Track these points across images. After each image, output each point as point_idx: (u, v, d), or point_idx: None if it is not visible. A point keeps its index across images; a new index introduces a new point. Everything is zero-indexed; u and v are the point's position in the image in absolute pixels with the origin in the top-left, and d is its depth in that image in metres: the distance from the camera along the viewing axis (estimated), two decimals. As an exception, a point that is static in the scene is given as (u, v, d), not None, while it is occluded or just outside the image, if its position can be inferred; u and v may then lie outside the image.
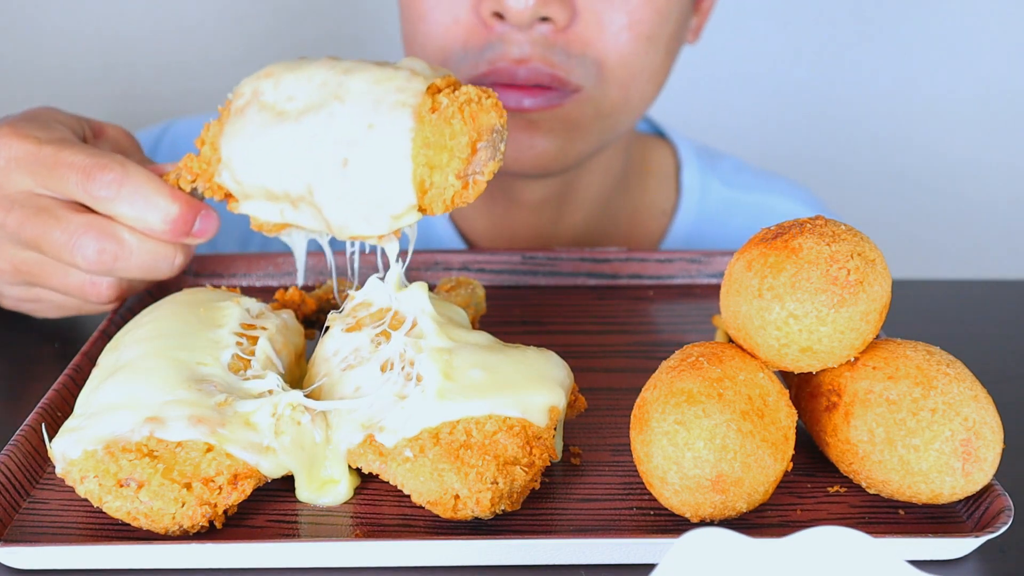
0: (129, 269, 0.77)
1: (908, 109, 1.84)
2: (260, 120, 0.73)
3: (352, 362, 0.70)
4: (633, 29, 0.99)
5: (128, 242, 0.76)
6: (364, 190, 0.70)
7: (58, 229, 0.76)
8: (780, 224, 0.69)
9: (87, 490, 0.63)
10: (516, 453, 0.65)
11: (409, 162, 0.69)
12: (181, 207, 0.76)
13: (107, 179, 0.75)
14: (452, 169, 0.69)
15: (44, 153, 0.76)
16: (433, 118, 0.69)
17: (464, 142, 0.69)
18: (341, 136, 0.70)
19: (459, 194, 0.70)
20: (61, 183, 0.76)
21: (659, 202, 1.24)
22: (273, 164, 0.72)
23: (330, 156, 0.70)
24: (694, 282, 0.97)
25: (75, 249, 0.76)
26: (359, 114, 0.70)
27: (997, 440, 0.64)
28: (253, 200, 0.75)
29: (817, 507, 0.67)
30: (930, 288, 1.03)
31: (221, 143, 0.74)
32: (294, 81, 0.73)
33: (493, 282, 0.97)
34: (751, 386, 0.64)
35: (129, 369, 0.68)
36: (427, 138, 0.69)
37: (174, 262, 0.78)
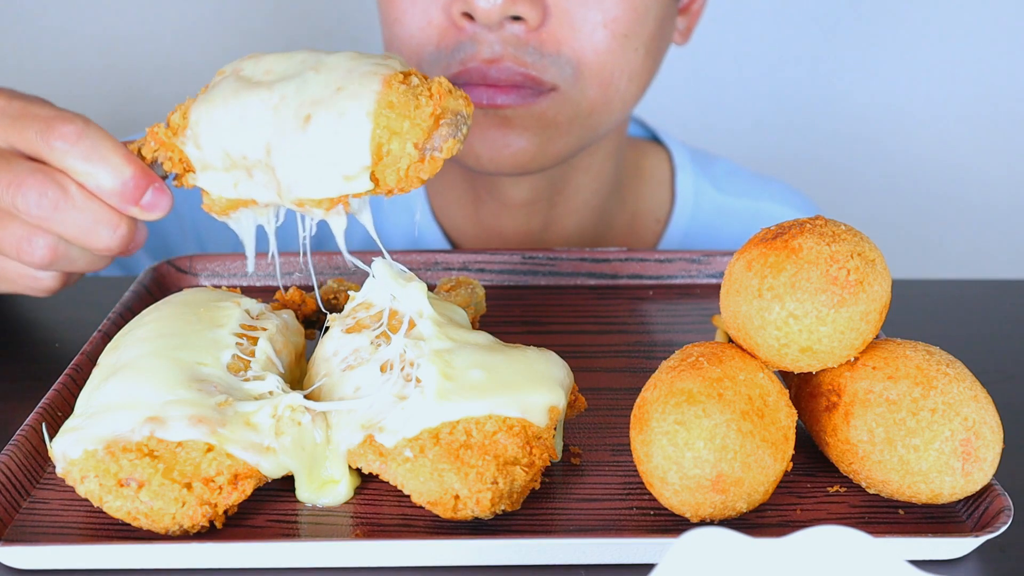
0: (68, 224, 0.74)
1: (908, 109, 1.84)
2: (233, 87, 0.73)
3: (352, 363, 0.70)
4: (608, 27, 0.98)
5: (73, 194, 0.74)
6: (321, 147, 0.69)
7: (4, 171, 0.74)
8: (780, 224, 0.69)
9: (87, 490, 0.63)
10: (516, 453, 0.65)
11: (369, 120, 0.69)
12: (135, 171, 0.74)
13: (66, 130, 0.74)
14: (411, 137, 0.69)
15: (12, 107, 0.76)
16: (401, 88, 0.70)
17: (427, 113, 0.69)
18: (309, 97, 0.71)
19: (415, 166, 0.69)
20: (20, 133, 0.75)
21: (653, 208, 1.23)
22: (237, 124, 0.72)
23: (293, 114, 0.70)
24: (694, 282, 0.97)
25: (18, 190, 0.74)
26: (331, 80, 0.71)
27: (997, 440, 0.64)
28: (210, 171, 0.75)
29: (817, 507, 0.67)
30: (930, 288, 1.03)
31: (191, 109, 0.74)
32: (274, 60, 0.74)
33: (493, 282, 0.97)
34: (751, 386, 0.64)
35: (129, 369, 0.68)
36: (391, 102, 0.69)
37: (116, 231, 0.75)
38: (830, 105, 1.84)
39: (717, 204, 1.23)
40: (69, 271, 0.80)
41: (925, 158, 1.86)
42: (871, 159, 1.86)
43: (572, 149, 1.06)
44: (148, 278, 0.93)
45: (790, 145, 1.85)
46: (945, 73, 1.82)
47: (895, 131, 1.85)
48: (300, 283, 0.96)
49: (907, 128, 1.85)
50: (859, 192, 1.86)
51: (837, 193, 1.84)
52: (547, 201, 1.14)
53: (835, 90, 1.83)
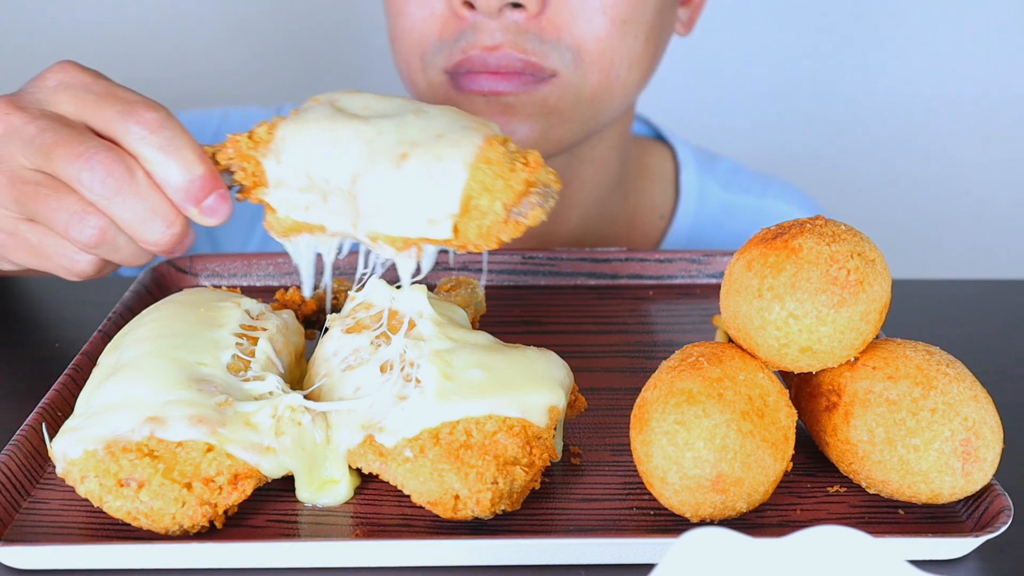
0: (126, 208, 0.72)
1: (908, 109, 1.84)
2: (327, 113, 0.73)
3: (352, 363, 0.70)
4: (607, 13, 0.99)
5: (139, 180, 0.72)
6: (412, 186, 0.69)
7: (76, 141, 0.72)
8: (780, 224, 0.69)
9: (87, 490, 0.63)
10: (516, 453, 0.65)
11: (466, 171, 0.69)
12: (204, 172, 0.73)
13: (148, 117, 0.72)
14: (502, 197, 0.69)
15: (97, 85, 0.75)
16: (500, 149, 0.70)
17: (521, 178, 0.69)
18: (407, 137, 0.71)
19: (497, 225, 0.69)
20: (101, 111, 0.73)
21: (657, 205, 1.24)
22: (327, 148, 0.72)
23: (389, 150, 0.70)
24: (694, 282, 0.97)
25: (86, 163, 0.72)
26: (432, 127, 0.71)
27: (997, 440, 0.64)
28: (284, 188, 0.74)
29: (817, 507, 0.67)
30: (930, 288, 1.03)
31: (280, 126, 0.74)
32: (373, 97, 0.74)
33: (493, 282, 0.97)
34: (751, 386, 0.64)
35: (129, 369, 0.68)
36: (490, 159, 0.69)
37: (169, 228, 0.73)
38: (830, 105, 1.84)
39: (721, 201, 1.24)
40: (108, 259, 0.78)
41: (925, 158, 1.86)
42: (871, 159, 1.87)
43: (576, 136, 1.06)
44: (148, 278, 0.93)
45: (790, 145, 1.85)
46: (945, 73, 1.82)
47: (895, 131, 1.85)
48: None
49: (907, 128, 1.85)
50: (859, 192, 1.86)
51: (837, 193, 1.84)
52: None
53: (835, 90, 1.83)
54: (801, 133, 1.85)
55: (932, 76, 1.82)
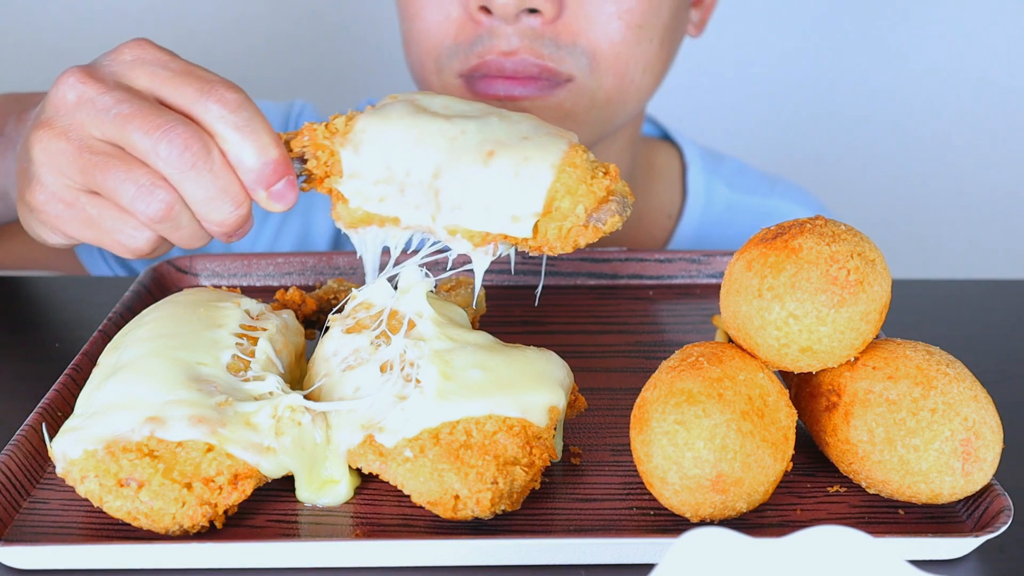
0: (198, 185, 0.72)
1: (908, 109, 1.84)
2: (410, 110, 0.73)
3: (352, 363, 0.70)
4: (623, 18, 1.00)
5: (214, 157, 0.72)
6: (498, 182, 0.70)
7: (154, 115, 0.71)
8: (780, 224, 0.69)
9: (87, 490, 0.63)
10: (516, 453, 0.65)
11: (552, 172, 0.70)
12: (279, 156, 0.72)
13: (228, 96, 0.72)
14: (584, 201, 0.70)
15: (175, 63, 0.74)
16: (584, 156, 0.71)
17: (603, 184, 0.71)
18: (492, 137, 0.71)
19: (577, 229, 0.70)
20: (180, 88, 0.73)
21: (665, 206, 1.25)
22: (409, 142, 0.72)
23: (475, 147, 0.71)
24: (694, 282, 0.97)
25: (163, 135, 0.71)
26: (517, 130, 0.72)
27: (997, 440, 0.64)
28: (359, 179, 0.73)
29: (817, 507, 0.67)
30: (930, 288, 1.03)
31: (360, 118, 0.74)
32: (453, 100, 0.75)
33: (493, 282, 0.97)
34: (751, 386, 0.64)
35: (130, 369, 0.68)
36: (575, 163, 0.70)
37: (237, 209, 0.73)
38: (831, 105, 1.84)
39: (728, 201, 1.24)
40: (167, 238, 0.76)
41: (926, 158, 1.86)
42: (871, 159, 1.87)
43: (590, 139, 1.07)
44: (148, 278, 0.93)
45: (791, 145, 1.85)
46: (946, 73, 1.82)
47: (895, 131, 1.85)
48: (300, 283, 0.96)
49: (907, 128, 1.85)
50: (859, 192, 1.86)
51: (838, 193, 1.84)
52: None
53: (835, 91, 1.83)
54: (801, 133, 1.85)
55: (932, 76, 1.82)
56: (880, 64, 1.81)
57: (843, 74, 1.82)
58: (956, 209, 1.87)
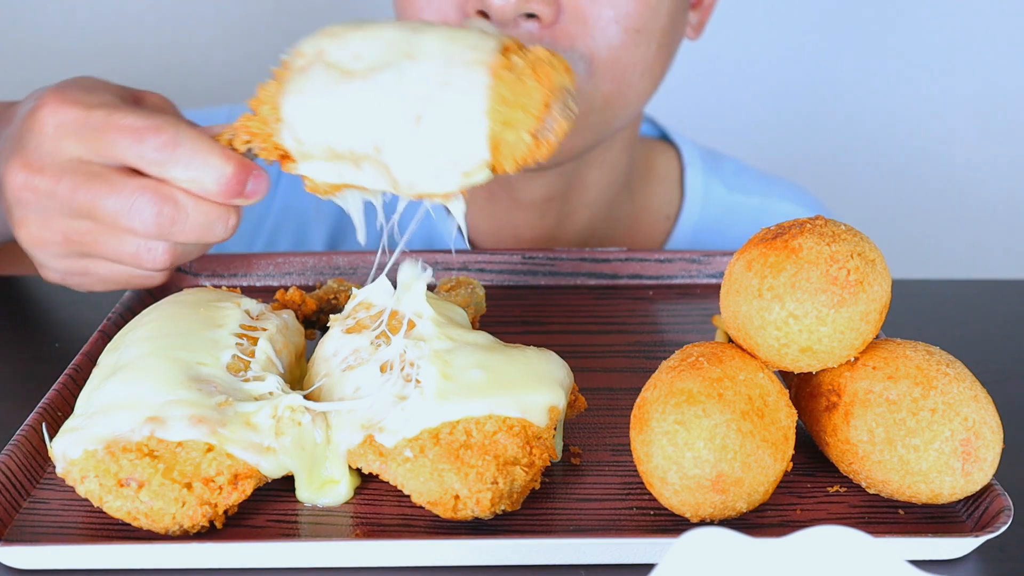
0: (186, 232, 0.75)
1: (908, 109, 1.84)
2: (326, 78, 0.71)
3: (352, 363, 0.70)
4: (621, 22, 0.99)
5: (184, 204, 0.74)
6: (437, 147, 0.69)
7: (112, 195, 0.74)
8: (780, 224, 0.69)
9: (87, 490, 0.63)
10: (516, 453, 0.65)
11: (485, 119, 0.68)
12: (235, 167, 0.74)
13: (160, 141, 0.73)
14: (526, 126, 0.68)
15: (94, 118, 0.74)
16: (509, 76, 0.69)
17: (539, 99, 0.68)
18: (414, 93, 0.69)
19: (531, 151, 0.69)
20: (112, 147, 0.74)
21: (663, 206, 1.24)
22: (340, 122, 0.71)
23: (402, 113, 0.69)
24: (694, 282, 0.97)
25: (132, 214, 0.73)
26: (433, 72, 0.69)
27: (997, 440, 0.64)
28: (312, 160, 0.73)
29: (817, 507, 0.67)
30: (930, 288, 1.03)
31: (282, 102, 0.72)
32: (360, 40, 0.72)
33: (493, 282, 0.97)
34: (751, 386, 0.64)
35: (129, 369, 0.68)
36: (503, 96, 0.68)
37: (228, 223, 0.76)
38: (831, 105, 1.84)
39: (726, 201, 1.24)
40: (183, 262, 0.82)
41: (925, 158, 1.86)
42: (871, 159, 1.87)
43: (587, 144, 1.06)
44: (149, 278, 0.93)
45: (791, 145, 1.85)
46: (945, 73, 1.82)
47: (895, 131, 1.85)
48: (300, 283, 0.96)
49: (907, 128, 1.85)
50: (859, 192, 1.86)
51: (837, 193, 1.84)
52: (561, 198, 1.15)
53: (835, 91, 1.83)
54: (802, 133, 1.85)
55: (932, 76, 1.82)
56: (880, 64, 1.81)
57: (844, 74, 1.82)
58: (956, 209, 1.87)
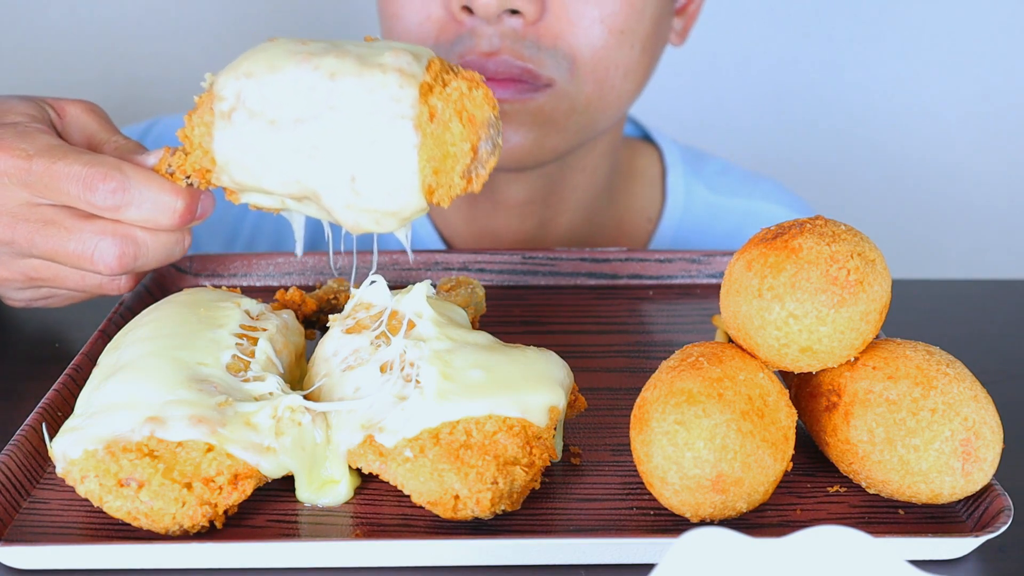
0: (147, 263, 0.78)
1: (908, 108, 1.84)
2: (253, 128, 0.71)
3: (352, 363, 0.70)
4: (605, 23, 0.99)
5: (144, 241, 0.76)
6: (374, 202, 0.71)
7: (71, 241, 0.76)
8: (780, 224, 0.69)
9: (87, 490, 0.63)
10: (516, 453, 0.65)
11: (416, 176, 0.70)
12: (185, 200, 0.75)
13: (109, 188, 0.74)
14: (457, 171, 0.70)
15: (36, 167, 0.75)
16: (433, 128, 0.70)
17: (466, 148, 0.70)
18: (343, 152, 0.70)
19: (464, 189, 0.71)
20: (61, 195, 0.75)
21: (645, 208, 1.23)
22: (274, 172, 0.72)
23: (336, 172, 0.70)
24: (694, 282, 0.97)
25: (94, 258, 0.76)
26: (355, 128, 0.70)
27: (997, 440, 0.64)
28: (252, 194, 0.75)
29: (817, 507, 0.67)
30: (930, 288, 1.03)
31: (214, 148, 0.73)
32: (278, 87, 0.71)
33: (493, 282, 0.97)
34: (751, 386, 0.64)
35: (129, 369, 0.68)
36: (431, 151, 0.70)
37: (184, 244, 0.79)
38: (829, 105, 1.84)
39: (708, 203, 1.23)
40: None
41: (925, 158, 1.86)
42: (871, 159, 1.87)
43: (569, 145, 1.06)
44: (148, 278, 0.93)
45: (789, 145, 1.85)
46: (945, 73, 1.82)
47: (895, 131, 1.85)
48: (300, 283, 0.96)
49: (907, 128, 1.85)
50: (859, 192, 1.86)
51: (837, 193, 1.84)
52: (542, 201, 1.14)
53: (834, 89, 1.83)
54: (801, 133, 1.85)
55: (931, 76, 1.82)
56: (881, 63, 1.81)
57: (844, 73, 1.82)
58: (956, 209, 1.87)
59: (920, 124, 1.84)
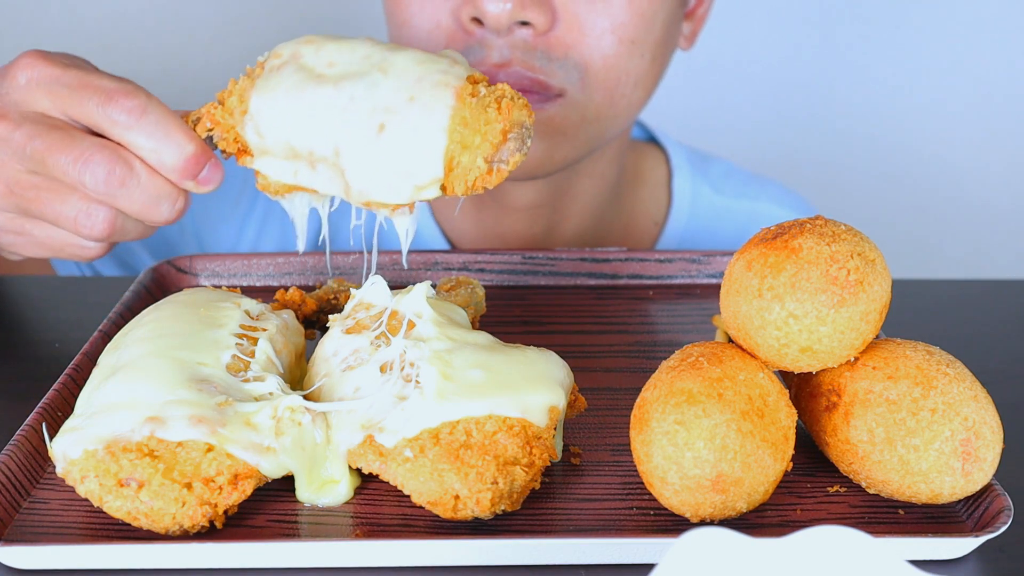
0: (132, 200, 0.75)
1: (908, 109, 1.84)
2: (297, 78, 0.73)
3: (352, 363, 0.70)
4: (616, 33, 0.99)
5: (138, 170, 0.74)
6: (395, 156, 0.71)
7: (69, 144, 0.74)
8: (780, 224, 0.69)
9: (87, 490, 0.63)
10: (516, 453, 0.65)
11: (444, 136, 0.71)
12: (196, 148, 0.74)
13: (129, 104, 0.73)
14: (482, 151, 0.71)
15: (69, 76, 0.75)
16: (472, 102, 0.71)
17: (497, 129, 0.71)
18: (380, 103, 0.71)
19: (482, 177, 0.71)
20: (81, 105, 0.74)
21: (651, 211, 1.23)
22: (304, 121, 0.72)
23: (366, 120, 0.71)
24: (694, 282, 0.97)
25: (85, 166, 0.73)
26: (401, 87, 0.72)
27: (997, 440, 0.64)
28: (269, 156, 0.75)
29: (817, 507, 0.67)
30: (930, 288, 1.03)
31: (251, 95, 0.74)
32: (336, 50, 0.74)
33: (493, 282, 0.97)
34: (751, 386, 0.64)
35: (130, 369, 0.68)
36: (464, 118, 0.71)
37: (175, 205, 0.76)
38: (830, 105, 1.84)
39: (714, 206, 1.23)
40: (117, 241, 0.80)
41: (925, 158, 1.86)
42: (871, 159, 1.87)
43: (579, 154, 1.06)
44: (148, 278, 0.93)
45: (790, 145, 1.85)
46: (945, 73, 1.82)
47: (895, 131, 1.85)
48: (300, 283, 0.96)
49: (907, 128, 1.85)
50: (859, 192, 1.86)
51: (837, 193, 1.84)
52: (550, 206, 1.14)
53: (835, 90, 1.83)
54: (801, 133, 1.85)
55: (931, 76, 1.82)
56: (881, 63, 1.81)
57: (845, 73, 1.82)
58: (956, 209, 1.87)
59: (920, 124, 1.84)
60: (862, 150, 1.86)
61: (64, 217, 0.76)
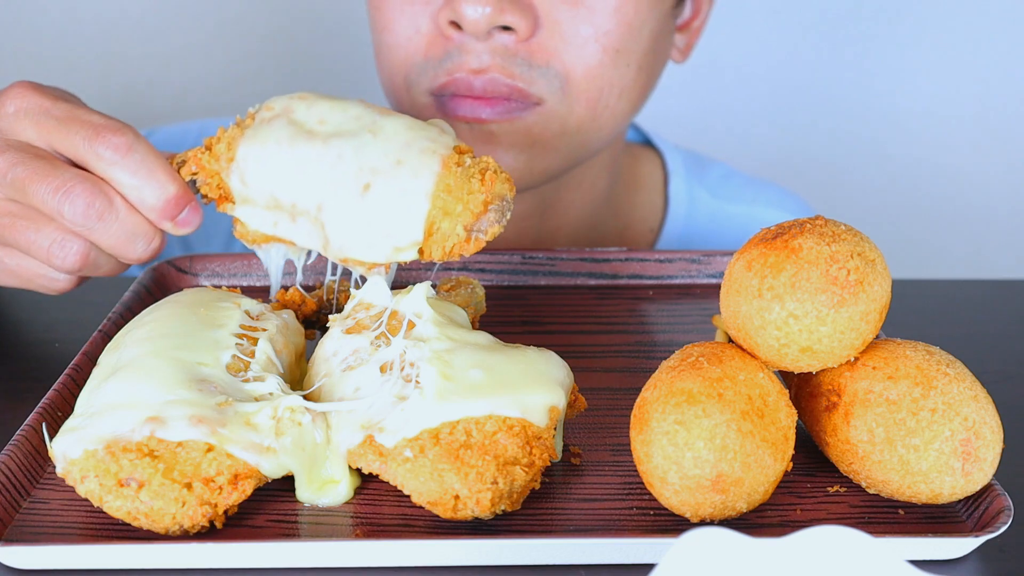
0: (109, 234, 0.75)
1: (908, 109, 1.84)
2: (288, 132, 0.74)
3: (352, 363, 0.70)
4: (600, 41, 0.96)
5: (117, 205, 0.74)
6: (378, 217, 0.72)
7: (51, 174, 0.74)
8: (780, 224, 0.69)
9: (87, 490, 0.63)
10: (516, 453, 0.65)
11: (428, 201, 0.72)
12: (178, 189, 0.75)
13: (116, 141, 0.73)
14: (462, 219, 0.72)
15: (58, 109, 0.75)
16: (457, 171, 0.73)
17: (479, 199, 0.72)
18: (367, 164, 0.73)
19: (460, 245, 0.73)
20: (68, 138, 0.74)
21: (647, 216, 1.21)
22: (291, 173, 0.74)
23: (352, 179, 0.72)
24: (694, 282, 0.97)
25: (65, 196, 0.73)
26: (390, 150, 0.73)
27: (997, 440, 0.64)
28: (251, 205, 0.76)
29: (817, 507, 0.67)
30: (930, 288, 1.03)
31: (240, 143, 0.75)
32: (328, 108, 0.75)
33: (493, 282, 0.97)
34: (751, 386, 0.64)
35: (130, 369, 0.68)
36: (448, 185, 0.72)
37: (150, 244, 0.76)
38: (830, 106, 1.84)
39: (711, 210, 1.21)
40: (87, 276, 0.80)
41: (925, 159, 1.86)
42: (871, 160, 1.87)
43: (561, 167, 1.03)
44: (148, 278, 0.93)
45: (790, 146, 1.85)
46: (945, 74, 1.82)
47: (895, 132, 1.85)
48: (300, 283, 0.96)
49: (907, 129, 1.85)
50: (859, 193, 1.86)
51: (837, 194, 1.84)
52: (538, 217, 1.12)
53: (835, 91, 1.83)
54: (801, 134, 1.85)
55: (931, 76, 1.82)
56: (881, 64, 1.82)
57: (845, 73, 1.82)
58: (956, 209, 1.88)
59: (920, 125, 1.84)
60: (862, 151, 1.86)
61: (37, 246, 0.76)
